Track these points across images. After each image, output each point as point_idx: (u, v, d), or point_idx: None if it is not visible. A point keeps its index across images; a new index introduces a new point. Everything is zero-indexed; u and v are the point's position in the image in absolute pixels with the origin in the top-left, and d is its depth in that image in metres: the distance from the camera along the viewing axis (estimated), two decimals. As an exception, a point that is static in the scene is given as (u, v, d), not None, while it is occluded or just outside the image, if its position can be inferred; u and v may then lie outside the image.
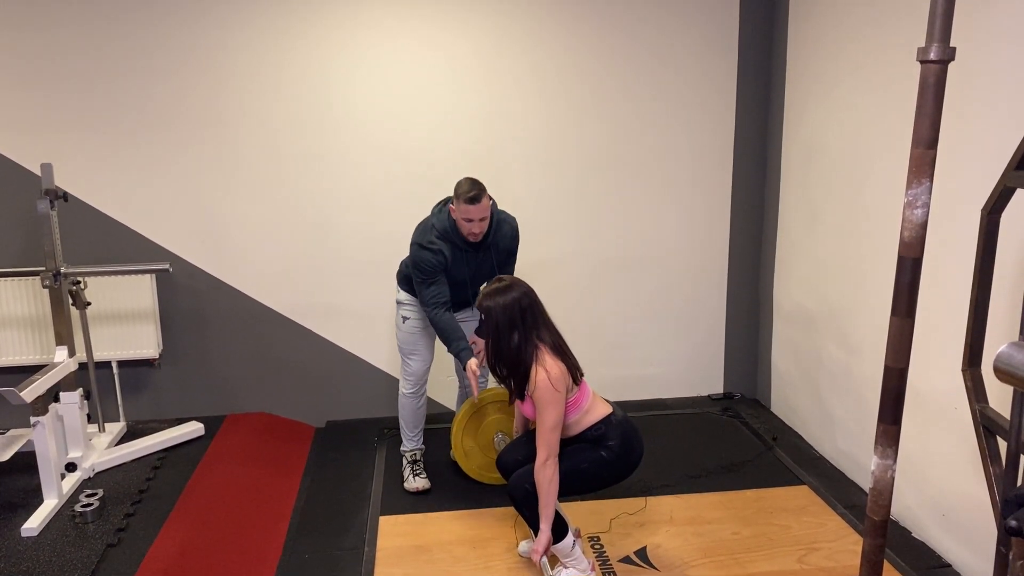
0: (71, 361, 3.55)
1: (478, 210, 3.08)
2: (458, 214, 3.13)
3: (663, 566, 2.89)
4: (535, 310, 2.61)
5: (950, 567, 2.86)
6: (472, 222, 3.11)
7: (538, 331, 2.59)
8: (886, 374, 1.87)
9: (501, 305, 2.57)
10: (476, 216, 3.09)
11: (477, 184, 3.09)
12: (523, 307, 2.57)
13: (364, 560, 3.00)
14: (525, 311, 2.57)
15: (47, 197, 3.42)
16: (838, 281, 3.63)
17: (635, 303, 4.43)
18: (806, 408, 4.00)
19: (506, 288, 2.61)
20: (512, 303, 2.57)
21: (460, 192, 3.08)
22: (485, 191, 3.10)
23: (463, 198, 3.07)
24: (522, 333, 2.57)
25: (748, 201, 4.36)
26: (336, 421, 4.35)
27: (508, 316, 2.56)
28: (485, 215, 3.12)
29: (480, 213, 3.09)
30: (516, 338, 2.57)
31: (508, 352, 2.59)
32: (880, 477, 1.90)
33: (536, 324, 2.59)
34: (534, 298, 2.64)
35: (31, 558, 2.95)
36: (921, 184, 1.74)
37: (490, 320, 2.59)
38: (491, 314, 2.58)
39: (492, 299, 2.59)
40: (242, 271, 4.14)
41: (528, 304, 2.59)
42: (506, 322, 2.56)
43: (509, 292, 2.59)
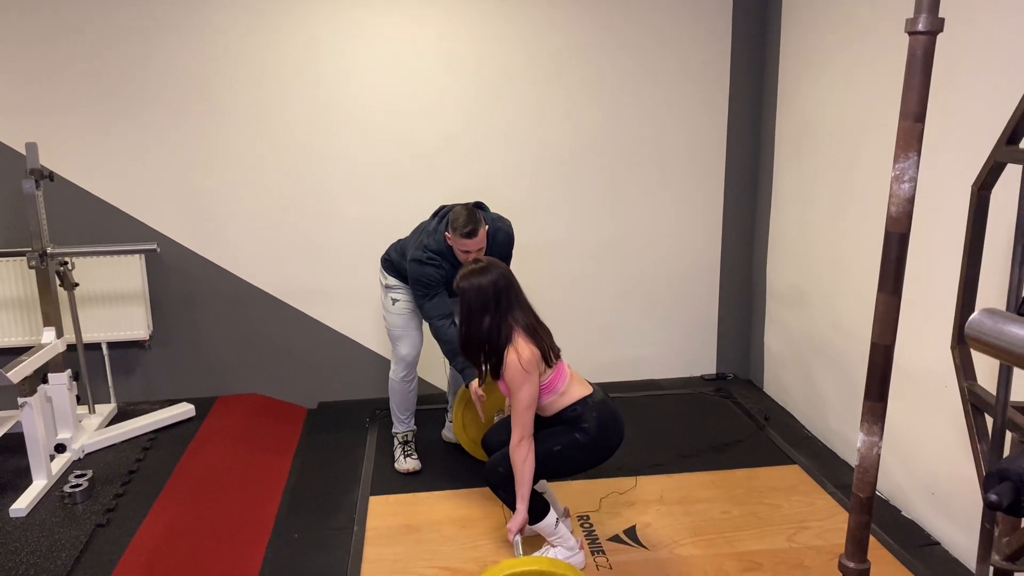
0: (59, 342, 3.53)
1: (475, 243, 3.03)
2: (454, 244, 3.08)
3: (652, 545, 2.89)
4: (510, 292, 2.58)
5: (939, 545, 2.86)
6: (469, 253, 3.05)
7: (512, 313, 2.57)
8: (872, 351, 1.86)
9: (476, 287, 2.55)
10: (473, 248, 3.04)
11: (473, 217, 3.01)
12: (498, 289, 2.55)
13: (353, 539, 2.99)
14: (500, 293, 2.55)
15: (32, 177, 3.39)
16: (830, 261, 3.62)
17: (628, 285, 4.41)
18: (798, 388, 4.00)
19: (482, 270, 2.58)
20: (487, 286, 2.54)
21: (456, 226, 3.01)
22: (481, 221, 3.04)
23: (460, 232, 3.01)
24: (496, 316, 2.55)
25: (742, 181, 4.33)
26: (328, 402, 4.34)
27: (481, 298, 2.54)
28: (482, 245, 3.07)
29: (477, 245, 3.04)
30: (487, 321, 2.55)
31: (479, 334, 2.57)
32: (866, 454, 1.89)
33: (511, 306, 2.57)
34: (511, 280, 2.61)
35: (19, 538, 2.95)
36: (908, 158, 1.72)
37: (463, 302, 2.57)
38: (465, 296, 2.57)
39: (468, 280, 2.57)
40: (232, 252, 4.11)
41: (504, 286, 2.57)
42: (479, 305, 2.55)
43: (485, 274, 2.57)
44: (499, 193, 4.07)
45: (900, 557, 2.77)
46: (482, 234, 3.04)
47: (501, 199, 3.97)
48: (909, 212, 1.75)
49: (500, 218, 3.34)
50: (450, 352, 3.19)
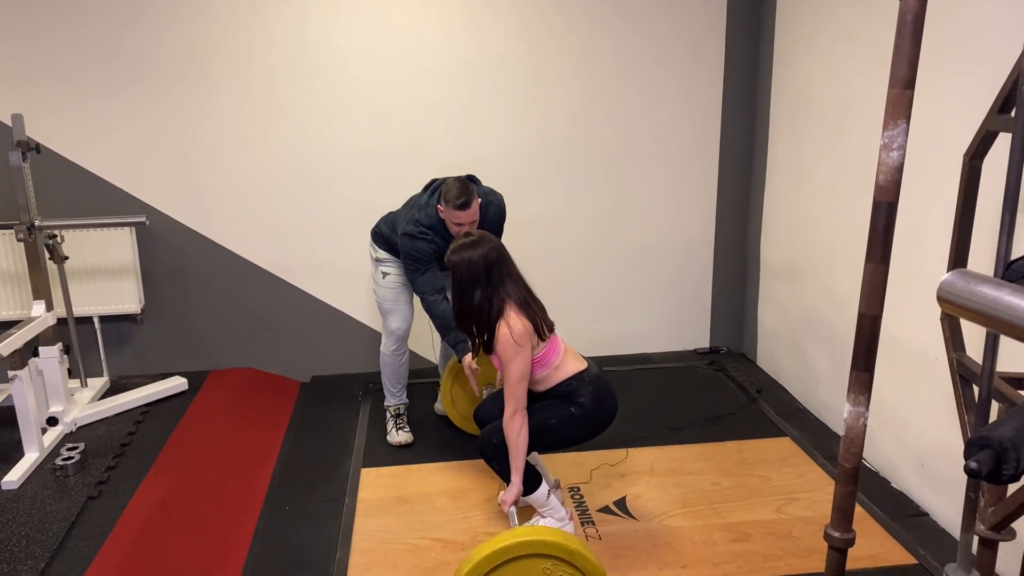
0: (49, 315, 3.52)
1: (468, 215, 2.99)
2: (447, 217, 3.05)
3: (641, 516, 2.90)
4: (502, 265, 2.56)
5: (927, 515, 2.88)
6: (462, 226, 3.02)
7: (504, 286, 2.55)
8: (859, 321, 1.85)
9: (466, 261, 2.53)
10: (466, 220, 3.01)
11: (466, 189, 2.98)
12: (489, 263, 2.53)
13: (344, 511, 3.01)
14: (491, 267, 2.53)
15: (19, 149, 3.35)
16: (822, 234, 3.60)
17: (622, 259, 4.40)
18: (790, 361, 4.00)
19: (473, 243, 2.56)
20: (478, 259, 2.52)
21: (449, 197, 2.98)
22: (474, 194, 3.01)
23: (452, 204, 2.97)
24: (487, 289, 2.53)
25: (737, 155, 4.30)
26: (321, 376, 4.34)
27: (472, 272, 2.52)
28: (475, 218, 3.03)
29: (470, 218, 3.01)
30: (479, 295, 2.53)
31: (470, 308, 2.56)
32: (852, 425, 1.89)
33: (502, 280, 2.55)
34: (502, 253, 2.59)
35: (11, 510, 2.96)
36: (897, 126, 1.70)
37: (455, 276, 2.56)
38: (456, 270, 2.55)
39: (458, 254, 2.55)
40: (223, 226, 4.09)
41: (495, 259, 2.55)
42: (470, 278, 2.53)
43: (476, 248, 2.55)
44: (491, 167, 4.03)
45: (888, 528, 2.79)
46: (475, 206, 3.01)
47: (493, 173, 3.93)
48: (898, 181, 1.73)
49: (492, 192, 3.31)
50: (442, 327, 3.18)
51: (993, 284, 0.99)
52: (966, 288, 1.00)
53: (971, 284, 1.00)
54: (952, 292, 1.03)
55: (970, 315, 1.04)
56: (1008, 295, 0.96)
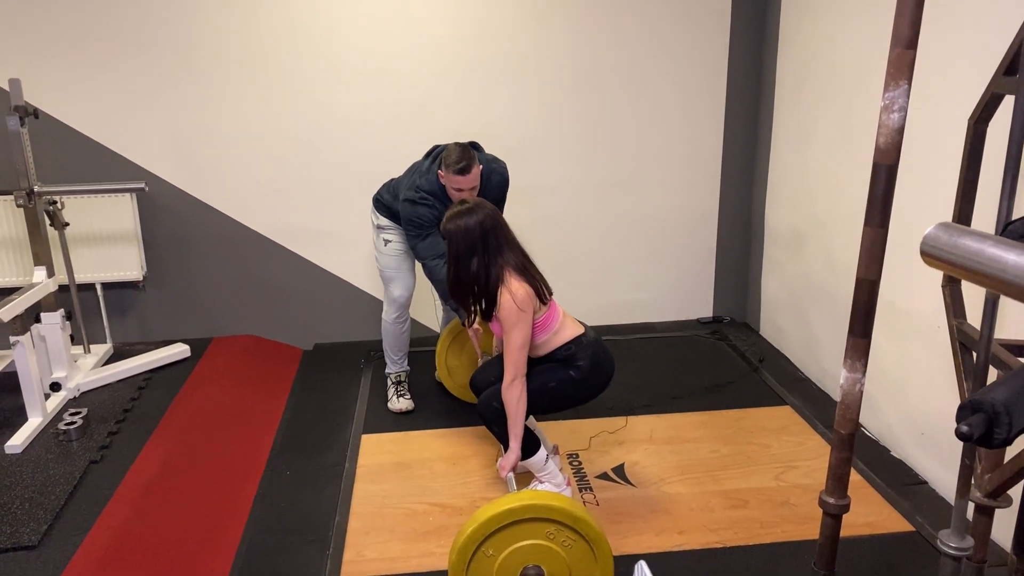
0: (50, 281, 3.52)
1: (468, 180, 2.96)
2: (447, 182, 3.01)
3: (639, 482, 2.91)
4: (498, 232, 2.54)
5: (926, 484, 2.87)
6: (462, 191, 2.99)
7: (502, 253, 2.54)
8: (857, 286, 1.83)
9: (462, 229, 2.51)
10: (466, 186, 2.98)
11: (466, 152, 2.95)
12: (485, 230, 2.51)
13: (344, 476, 3.02)
14: (487, 234, 2.51)
15: (16, 114, 3.34)
16: (826, 201, 3.56)
17: (625, 227, 4.37)
18: (793, 330, 3.98)
19: (468, 211, 2.54)
20: (473, 226, 2.50)
21: (450, 162, 2.94)
22: (475, 159, 2.97)
23: (452, 169, 2.94)
24: (484, 257, 2.52)
25: (741, 121, 4.24)
26: (324, 344, 4.35)
27: (468, 241, 2.51)
28: (475, 184, 3.00)
29: (470, 183, 2.97)
30: (476, 263, 2.52)
31: (467, 277, 2.55)
32: (848, 391, 1.88)
33: (499, 247, 2.54)
34: (498, 220, 2.57)
35: (14, 474, 2.99)
36: (899, 87, 1.67)
37: (450, 244, 2.54)
38: (452, 238, 2.53)
39: (453, 222, 2.53)
40: (225, 193, 4.07)
41: (491, 226, 2.53)
42: (466, 246, 2.51)
43: (471, 215, 2.52)
44: (494, 133, 4.00)
45: (886, 495, 2.78)
46: (475, 171, 2.98)
47: (496, 140, 3.90)
48: (898, 143, 1.70)
49: (495, 159, 3.28)
50: (444, 292, 3.16)
51: (976, 236, 0.96)
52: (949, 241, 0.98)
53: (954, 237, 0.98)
54: (935, 246, 1.01)
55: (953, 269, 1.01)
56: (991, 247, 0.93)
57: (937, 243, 1.00)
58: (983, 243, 0.94)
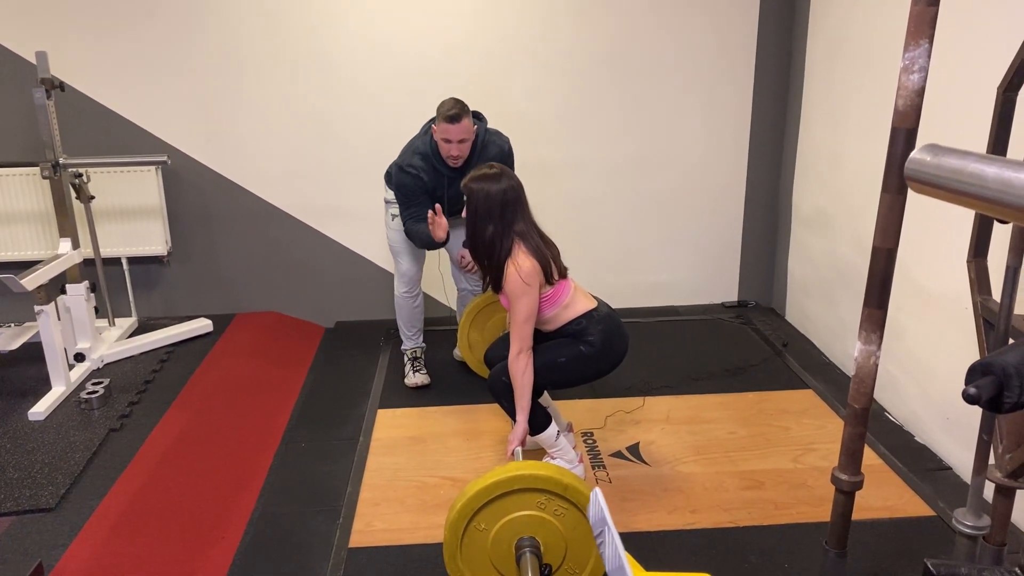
0: (75, 253, 3.57)
1: (457, 130, 2.99)
2: (438, 134, 3.05)
3: (653, 461, 2.87)
4: (517, 205, 2.52)
5: (951, 470, 2.79)
6: (451, 143, 3.02)
7: (515, 226, 2.51)
8: (874, 255, 1.77)
9: (484, 193, 2.50)
10: (455, 137, 3.00)
11: (459, 104, 3.00)
12: (506, 200, 2.49)
13: (358, 449, 3.03)
14: (507, 204, 2.49)
15: (43, 87, 3.38)
16: (857, 182, 3.47)
17: (649, 208, 4.30)
18: (819, 315, 3.89)
19: (494, 176, 2.52)
20: (496, 194, 2.49)
21: (441, 111, 3.00)
22: (468, 112, 3.01)
23: (443, 116, 2.98)
24: (499, 226, 2.50)
25: (770, 100, 4.15)
26: (345, 322, 4.36)
27: (487, 206, 2.50)
28: (464, 136, 3.02)
29: (459, 134, 3.00)
30: (491, 230, 2.51)
31: (483, 241, 2.54)
32: (863, 364, 1.82)
33: (515, 219, 2.52)
34: (519, 192, 2.54)
35: (36, 440, 3.04)
36: (919, 46, 1.60)
37: (470, 204, 2.53)
38: (472, 198, 2.52)
39: (477, 183, 2.51)
40: (248, 169, 4.09)
41: (513, 198, 2.51)
42: (485, 211, 2.50)
43: (495, 181, 2.50)
44: (516, 110, 3.97)
45: (908, 480, 2.71)
46: (466, 123, 3.00)
47: (518, 116, 3.88)
48: (918, 106, 1.63)
49: (497, 133, 3.26)
50: (417, 240, 3.20)
51: (959, 154, 0.91)
52: (933, 162, 0.93)
53: (939, 157, 0.92)
54: (920, 169, 0.96)
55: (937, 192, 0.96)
56: (973, 163, 0.88)
57: (922, 166, 0.95)
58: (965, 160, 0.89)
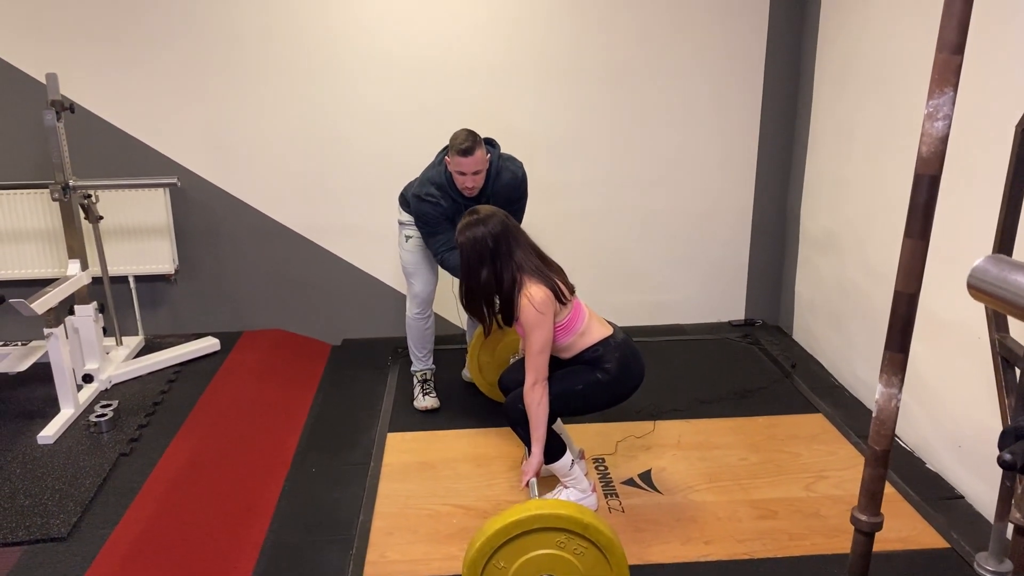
0: (84, 274, 3.56)
1: (471, 163, 2.98)
2: (452, 167, 3.05)
3: (666, 489, 2.86)
4: (508, 239, 2.51)
5: (963, 498, 2.79)
6: (465, 176, 3.02)
7: (513, 258, 2.51)
8: (896, 299, 1.77)
9: (471, 240, 2.51)
10: (468, 169, 3.00)
11: (472, 136, 2.99)
12: (495, 238, 2.49)
13: (369, 475, 3.02)
14: (498, 241, 2.49)
15: (53, 108, 3.37)
16: (865, 205, 3.47)
17: (656, 226, 4.31)
18: (827, 335, 3.90)
19: (477, 222, 2.52)
20: (482, 236, 2.49)
21: (454, 144, 3.00)
22: (480, 144, 3.00)
23: (456, 150, 2.98)
24: (496, 265, 2.51)
25: (778, 120, 4.16)
26: (352, 339, 4.36)
27: (478, 250, 2.50)
28: (478, 168, 3.02)
29: (473, 166, 3.00)
30: (486, 273, 2.51)
31: (477, 287, 2.55)
32: (884, 406, 1.82)
33: (511, 252, 2.51)
34: (507, 226, 2.54)
35: (46, 464, 3.03)
36: (944, 94, 1.60)
37: (463, 256, 2.54)
38: (463, 250, 2.53)
39: (463, 235, 2.53)
40: (256, 187, 4.09)
41: (500, 233, 2.50)
42: (476, 257, 2.51)
43: (480, 226, 2.51)
44: (522, 128, 3.98)
45: (921, 510, 2.71)
46: (479, 155, 2.99)
47: (524, 134, 3.88)
48: (941, 153, 1.63)
49: (511, 159, 3.25)
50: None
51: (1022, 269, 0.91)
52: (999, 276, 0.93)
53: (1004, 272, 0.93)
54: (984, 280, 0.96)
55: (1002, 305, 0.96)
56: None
57: (985, 276, 0.96)
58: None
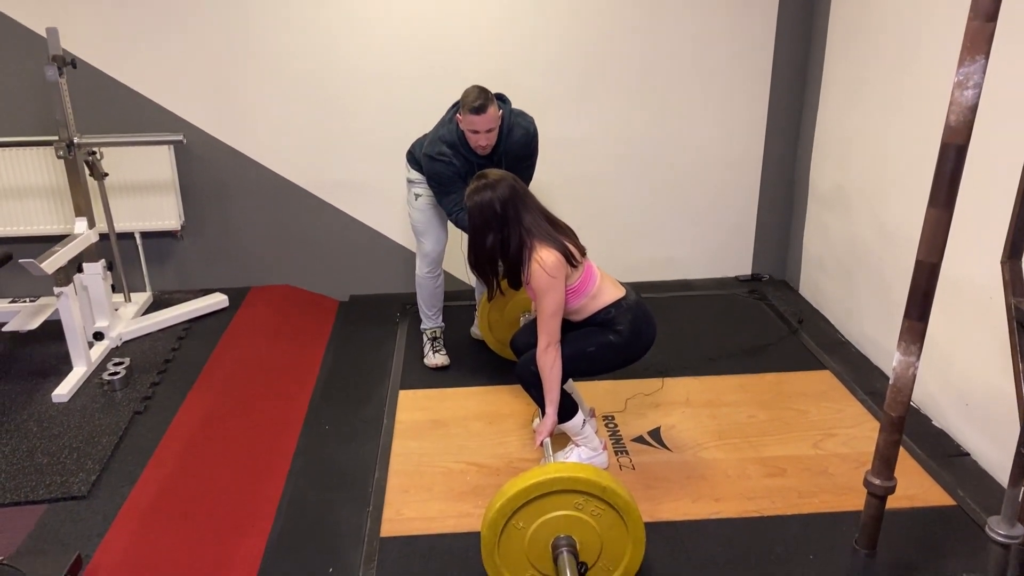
0: (91, 232, 3.55)
1: (483, 121, 2.94)
2: (464, 125, 3.01)
3: (675, 447, 2.90)
4: (516, 203, 2.49)
5: (968, 456, 2.83)
6: (478, 134, 2.98)
7: (522, 223, 2.49)
8: (917, 268, 1.77)
9: (479, 204, 2.49)
10: (482, 127, 2.96)
11: (484, 93, 2.94)
12: (503, 202, 2.47)
13: (383, 432, 3.06)
14: (506, 205, 2.47)
15: (54, 64, 3.31)
16: (876, 162, 3.44)
17: (664, 183, 4.27)
18: (834, 291, 3.90)
19: (485, 186, 2.50)
20: (490, 201, 2.47)
21: (466, 101, 2.95)
22: (492, 100, 2.96)
23: (468, 108, 2.94)
24: (504, 230, 2.49)
25: (790, 73, 4.09)
26: (359, 296, 4.36)
27: (486, 215, 2.48)
28: (491, 126, 2.98)
29: (486, 124, 2.96)
30: (492, 238, 2.50)
31: (486, 251, 2.54)
32: (901, 374, 1.84)
33: (519, 216, 2.49)
34: (516, 189, 2.52)
35: (62, 423, 3.06)
36: (975, 62, 1.57)
37: (471, 220, 2.53)
38: (471, 214, 2.52)
39: (471, 199, 2.51)
40: (261, 143, 4.04)
41: (508, 197, 2.48)
42: (483, 222, 2.50)
43: (489, 190, 2.49)
44: (529, 84, 3.92)
45: (927, 467, 2.75)
46: (491, 112, 2.95)
47: (531, 90, 3.82)
48: (970, 122, 1.62)
49: (522, 114, 3.21)
50: None
51: None
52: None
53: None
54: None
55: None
56: None
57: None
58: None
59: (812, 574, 2.28)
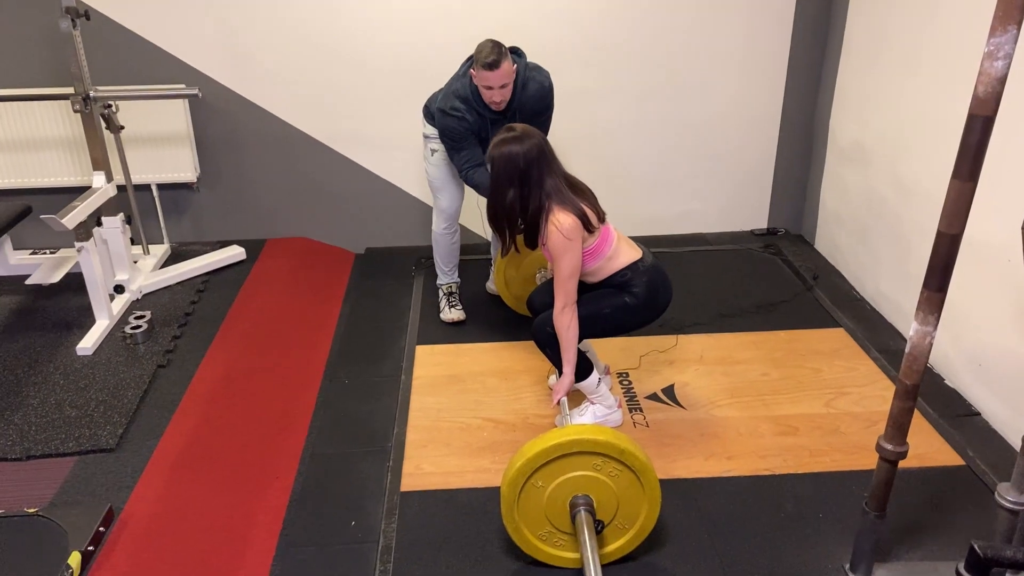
0: (109, 186, 3.56)
1: (497, 77, 2.90)
2: (478, 80, 2.97)
3: (689, 404, 2.95)
4: (542, 163, 2.47)
5: (979, 415, 2.86)
6: (492, 90, 2.94)
7: (543, 185, 2.47)
8: (938, 239, 1.77)
9: (505, 156, 2.46)
10: (495, 83, 2.92)
11: (497, 47, 2.89)
12: (529, 160, 2.44)
13: (401, 387, 3.11)
14: (531, 164, 2.45)
15: (68, 15, 3.28)
16: (899, 118, 3.40)
17: (682, 135, 4.23)
18: (851, 247, 3.90)
19: (514, 139, 2.47)
20: (517, 155, 2.44)
21: (479, 57, 2.90)
22: (506, 55, 2.91)
23: (481, 63, 2.89)
24: (525, 188, 2.47)
25: (811, 25, 4.00)
26: (375, 248, 4.38)
27: (509, 169, 2.46)
28: (505, 82, 2.94)
29: (499, 80, 2.92)
30: (513, 193, 2.48)
31: (505, 206, 2.51)
32: (918, 343, 1.85)
33: (541, 178, 2.47)
34: (543, 149, 2.49)
35: (87, 376, 3.13)
36: (1007, 32, 1.54)
37: (494, 171, 2.50)
38: (495, 165, 2.49)
39: (498, 149, 2.48)
40: (276, 95, 4.02)
41: (535, 156, 2.46)
42: (506, 175, 2.47)
43: (517, 143, 2.45)
44: (542, 36, 3.86)
45: (937, 426, 2.79)
46: (505, 67, 2.92)
47: (544, 42, 3.76)
48: (999, 94, 1.59)
49: (537, 68, 3.16)
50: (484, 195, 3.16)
51: None
52: None
53: None
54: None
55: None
56: None
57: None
58: None
59: (822, 532, 2.34)
